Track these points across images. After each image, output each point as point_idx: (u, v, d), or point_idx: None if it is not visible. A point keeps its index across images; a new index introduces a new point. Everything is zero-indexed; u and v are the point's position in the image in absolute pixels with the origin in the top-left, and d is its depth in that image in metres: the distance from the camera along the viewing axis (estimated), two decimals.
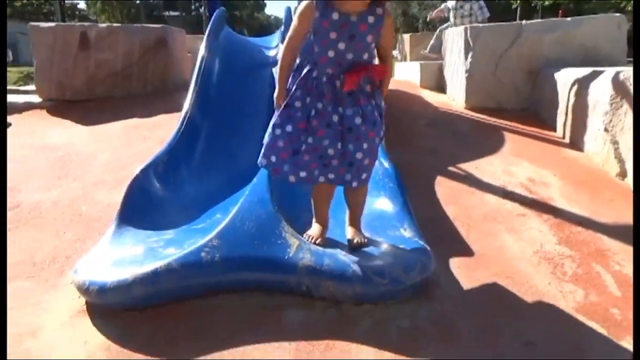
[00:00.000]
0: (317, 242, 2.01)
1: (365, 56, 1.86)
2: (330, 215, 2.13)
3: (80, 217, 2.64)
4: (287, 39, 1.93)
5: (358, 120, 1.85)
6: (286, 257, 1.89)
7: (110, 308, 1.84)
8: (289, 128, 1.88)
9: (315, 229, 2.09)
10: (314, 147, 1.87)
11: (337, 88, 1.84)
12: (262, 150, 1.96)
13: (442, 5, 6.73)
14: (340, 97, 1.85)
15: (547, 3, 21.68)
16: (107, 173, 3.23)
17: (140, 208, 2.33)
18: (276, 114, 1.93)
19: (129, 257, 1.97)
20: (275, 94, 1.98)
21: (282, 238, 1.97)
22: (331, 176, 1.94)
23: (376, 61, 1.98)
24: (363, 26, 1.80)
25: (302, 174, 1.91)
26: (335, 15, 1.79)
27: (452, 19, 6.29)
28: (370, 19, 1.81)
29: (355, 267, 1.83)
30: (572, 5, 21.54)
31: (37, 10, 31.04)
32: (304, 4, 1.85)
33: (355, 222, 2.08)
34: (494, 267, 2.12)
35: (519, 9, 19.77)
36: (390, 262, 1.87)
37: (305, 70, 1.88)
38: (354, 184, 1.94)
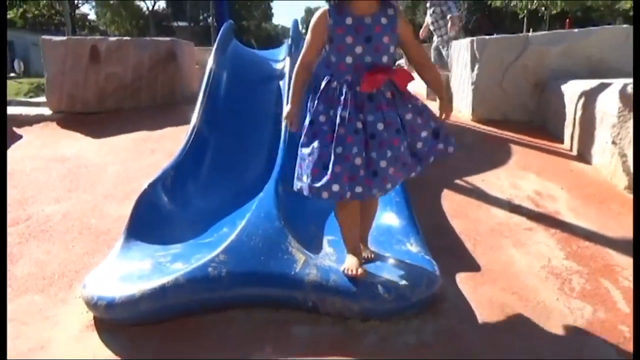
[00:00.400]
0: (358, 274, 1.86)
1: (385, 59, 1.83)
2: (357, 236, 2.00)
3: (89, 230, 2.67)
4: (301, 54, 1.91)
5: (380, 126, 1.78)
6: (292, 272, 1.90)
7: (118, 323, 1.86)
8: (316, 144, 1.81)
9: (350, 261, 1.92)
10: (344, 155, 1.76)
11: (357, 94, 1.80)
12: (295, 174, 1.90)
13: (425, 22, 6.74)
14: (361, 103, 1.80)
15: (554, 12, 21.69)
16: (117, 186, 3.26)
17: (148, 222, 2.36)
18: (302, 133, 1.87)
19: (136, 271, 1.99)
20: (284, 112, 1.96)
21: (289, 253, 1.98)
22: (358, 190, 1.79)
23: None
24: (378, 27, 1.79)
25: (335, 187, 1.76)
26: (349, 20, 1.79)
27: (431, 27, 6.29)
28: (384, 20, 1.81)
29: (362, 283, 1.83)
30: (579, 14, 21.54)
31: (48, 21, 31.52)
32: (318, 13, 1.84)
33: (362, 238, 2.07)
34: (501, 282, 2.11)
35: (526, 18, 19.80)
36: (396, 277, 1.88)
37: (324, 83, 1.86)
38: (378, 194, 1.86)
